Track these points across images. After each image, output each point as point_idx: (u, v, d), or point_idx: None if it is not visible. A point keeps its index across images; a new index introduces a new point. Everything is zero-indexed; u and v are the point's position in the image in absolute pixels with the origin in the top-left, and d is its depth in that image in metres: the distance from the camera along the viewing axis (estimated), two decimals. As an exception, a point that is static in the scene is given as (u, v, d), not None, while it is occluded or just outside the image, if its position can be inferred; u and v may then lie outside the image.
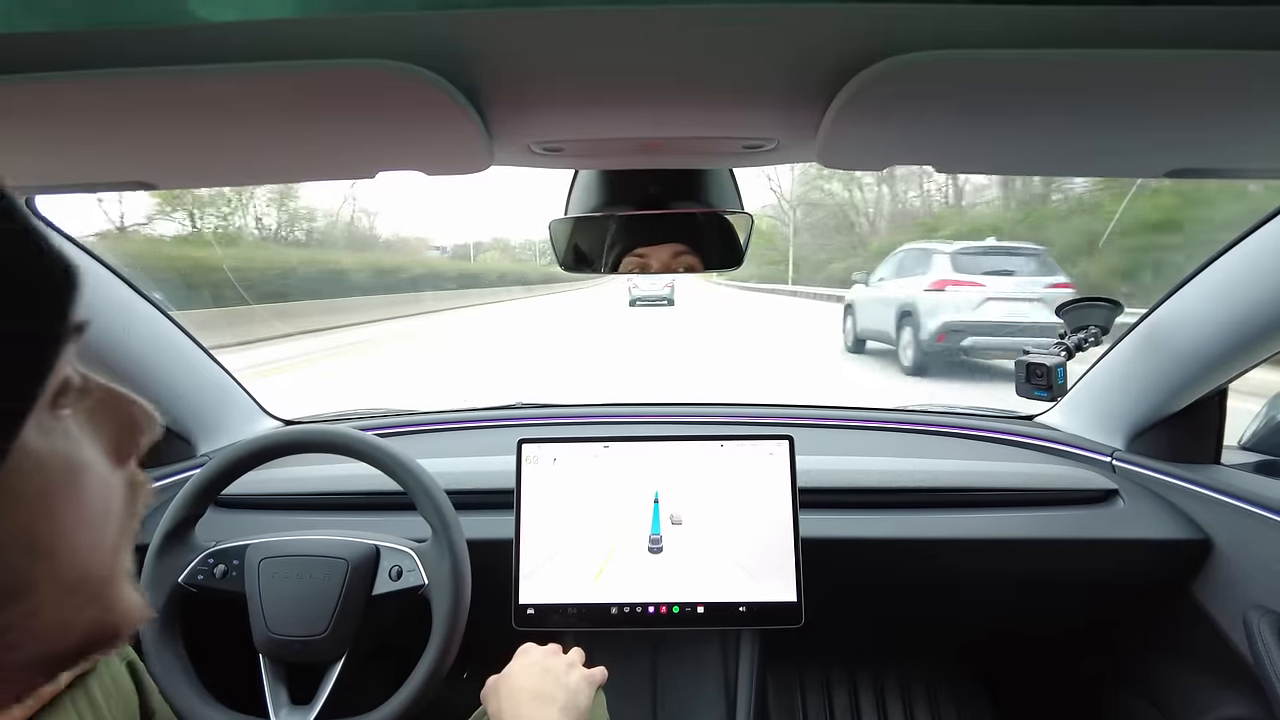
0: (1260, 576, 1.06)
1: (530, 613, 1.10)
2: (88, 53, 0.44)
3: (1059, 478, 1.29)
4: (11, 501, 0.29)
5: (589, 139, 0.68)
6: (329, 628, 0.97)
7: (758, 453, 1.13)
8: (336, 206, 33.12)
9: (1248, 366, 1.08)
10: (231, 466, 1.05)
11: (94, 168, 0.67)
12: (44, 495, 0.31)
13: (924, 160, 0.69)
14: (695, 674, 1.17)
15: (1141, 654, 1.33)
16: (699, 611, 1.09)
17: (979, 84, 0.49)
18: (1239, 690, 1.10)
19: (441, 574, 0.99)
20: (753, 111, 0.60)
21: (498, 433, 1.58)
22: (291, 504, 1.27)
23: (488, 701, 0.82)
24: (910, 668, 1.69)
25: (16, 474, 0.29)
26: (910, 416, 1.61)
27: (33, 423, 0.29)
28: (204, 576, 1.02)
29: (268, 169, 0.73)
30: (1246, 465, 1.21)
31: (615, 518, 1.12)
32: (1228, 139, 0.60)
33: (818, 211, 35.24)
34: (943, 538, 1.20)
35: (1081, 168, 0.75)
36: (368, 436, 1.04)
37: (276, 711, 0.98)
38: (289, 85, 0.48)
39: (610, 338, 12.31)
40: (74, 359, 0.32)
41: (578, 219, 0.96)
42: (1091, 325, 1.26)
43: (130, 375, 1.21)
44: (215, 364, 1.42)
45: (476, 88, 0.52)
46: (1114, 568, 1.22)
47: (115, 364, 1.17)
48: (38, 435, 0.30)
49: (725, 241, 0.97)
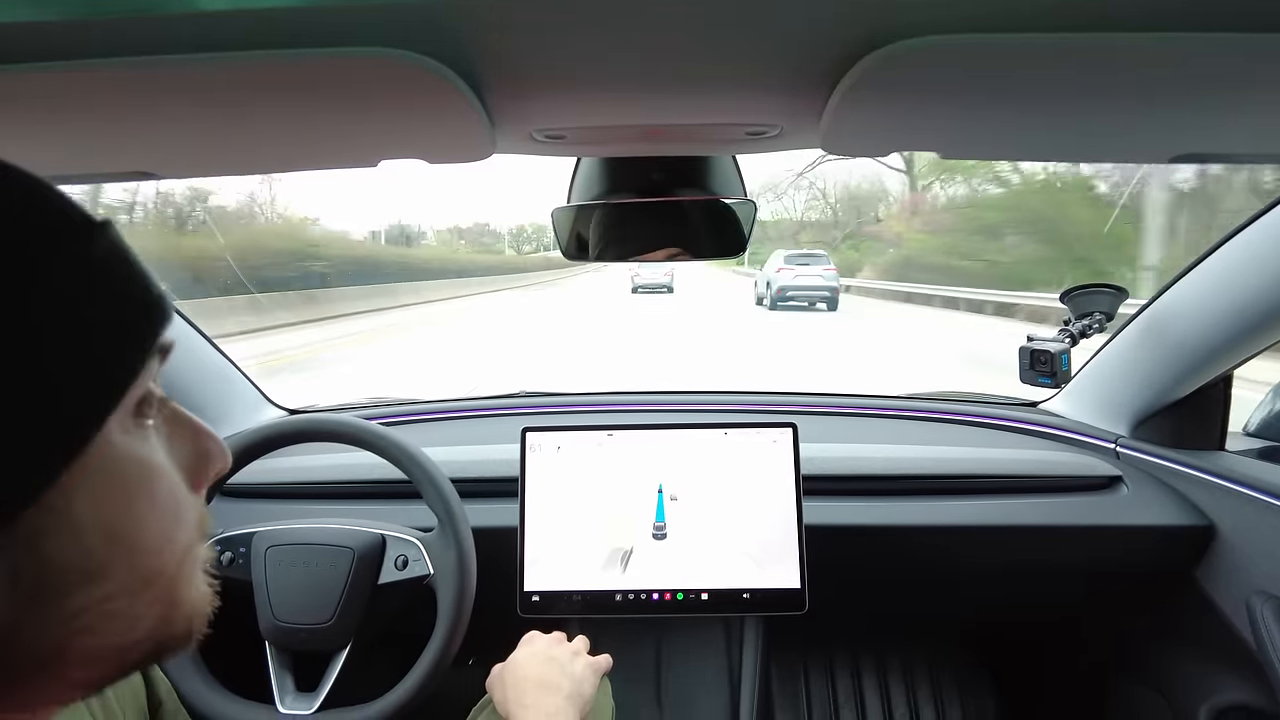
0: (1264, 562, 1.06)
1: (535, 600, 1.10)
2: (89, 42, 0.43)
3: (1063, 464, 1.29)
4: (95, 490, 0.32)
5: (591, 126, 0.68)
6: (334, 616, 0.98)
7: (761, 440, 1.14)
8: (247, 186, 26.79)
9: (1252, 353, 1.07)
10: (237, 455, 1.05)
11: (95, 158, 0.67)
12: (124, 488, 0.34)
13: (927, 146, 0.69)
14: (699, 661, 1.18)
15: (1144, 640, 1.33)
16: (703, 598, 1.10)
17: (983, 69, 0.49)
18: (1242, 675, 1.10)
19: (447, 563, 0.99)
20: (756, 97, 0.60)
21: (502, 421, 1.58)
22: (297, 493, 1.27)
23: (493, 690, 0.82)
24: (913, 653, 1.70)
25: (100, 465, 0.32)
26: (913, 404, 1.61)
27: (116, 423, 0.33)
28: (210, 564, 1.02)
29: (269, 158, 0.73)
30: (1251, 451, 1.21)
31: (619, 505, 1.13)
32: (1234, 123, 0.60)
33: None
34: (946, 524, 1.20)
35: (1087, 153, 0.74)
36: (373, 425, 1.04)
37: (282, 698, 0.98)
38: (290, 74, 0.48)
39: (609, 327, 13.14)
40: (157, 377, 0.37)
41: (580, 207, 0.95)
42: (1095, 312, 1.25)
43: None
44: (219, 353, 1.42)
45: (478, 75, 0.52)
46: (1118, 554, 1.22)
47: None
48: (120, 434, 0.34)
49: (728, 229, 0.97)
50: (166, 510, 0.36)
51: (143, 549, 0.35)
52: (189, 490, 0.39)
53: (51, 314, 0.30)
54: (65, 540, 0.31)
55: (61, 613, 0.32)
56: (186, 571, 0.38)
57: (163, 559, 0.36)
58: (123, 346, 0.34)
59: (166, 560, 0.36)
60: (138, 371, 0.34)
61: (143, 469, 0.35)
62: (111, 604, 0.34)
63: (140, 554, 0.35)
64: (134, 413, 0.35)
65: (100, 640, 0.34)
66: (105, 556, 0.33)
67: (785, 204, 46.95)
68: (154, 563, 0.35)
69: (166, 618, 0.37)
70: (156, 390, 0.37)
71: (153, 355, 0.35)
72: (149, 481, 0.35)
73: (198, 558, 0.40)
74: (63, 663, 0.33)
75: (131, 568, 0.34)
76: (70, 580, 0.32)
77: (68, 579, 0.32)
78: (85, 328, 0.32)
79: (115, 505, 0.33)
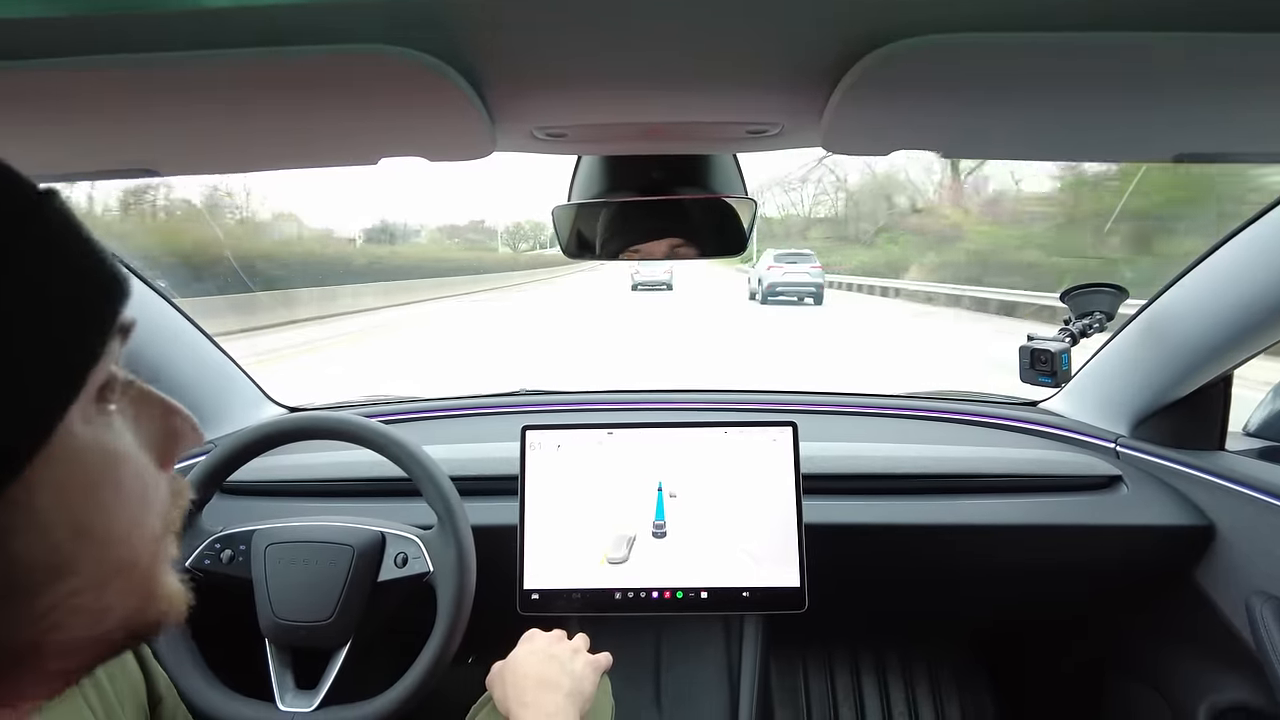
0: (1263, 562, 1.06)
1: (535, 598, 1.10)
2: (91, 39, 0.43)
3: (1062, 464, 1.29)
4: (58, 484, 0.31)
5: (591, 124, 0.68)
6: (334, 614, 0.98)
7: (761, 439, 1.14)
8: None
9: (1252, 353, 1.07)
10: (237, 453, 1.05)
11: (97, 155, 0.67)
12: (88, 480, 0.33)
13: (929, 145, 0.69)
14: (699, 659, 1.18)
15: (1143, 638, 1.33)
16: (703, 597, 1.10)
17: (985, 68, 0.49)
18: (1240, 675, 1.10)
19: (447, 561, 0.99)
20: (757, 96, 0.60)
21: (501, 419, 1.58)
22: (297, 490, 1.27)
23: (493, 687, 0.82)
24: (912, 651, 1.70)
25: (63, 456, 0.31)
26: (913, 403, 1.61)
27: (78, 411, 0.32)
28: (210, 561, 1.02)
29: (270, 155, 0.73)
30: (1251, 451, 1.21)
31: (619, 504, 1.13)
32: (1237, 122, 0.60)
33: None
34: (946, 523, 1.20)
35: (1088, 152, 0.74)
36: (373, 423, 1.04)
37: (282, 696, 0.98)
38: (291, 71, 0.48)
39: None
40: (119, 359, 0.35)
41: (581, 205, 0.95)
42: (1096, 311, 1.25)
43: (133, 361, 1.21)
44: (219, 351, 1.42)
45: (478, 73, 0.52)
46: (1117, 554, 1.22)
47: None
48: (83, 424, 0.32)
49: (729, 227, 0.97)
50: (134, 497, 0.35)
51: (111, 540, 0.34)
52: (157, 470, 0.37)
53: (12, 300, 0.29)
54: (31, 537, 0.30)
55: (30, 612, 0.31)
56: (161, 556, 0.37)
57: (133, 548, 0.35)
58: (82, 329, 0.32)
59: (137, 548, 0.35)
60: (99, 355, 0.32)
61: (107, 457, 0.34)
62: (79, 599, 0.33)
63: (108, 545, 0.34)
64: (96, 398, 0.33)
65: (72, 634, 0.33)
66: (72, 551, 0.32)
67: (793, 199, 46.71)
68: (123, 552, 0.34)
69: (140, 607, 0.36)
70: (119, 373, 0.35)
71: (114, 336, 0.34)
72: (114, 470, 0.34)
73: (172, 541, 0.39)
74: (37, 657, 0.33)
75: (100, 560, 0.33)
76: (38, 579, 0.31)
77: (35, 577, 0.31)
78: (43, 311, 0.30)
79: (81, 497, 0.32)
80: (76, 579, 0.32)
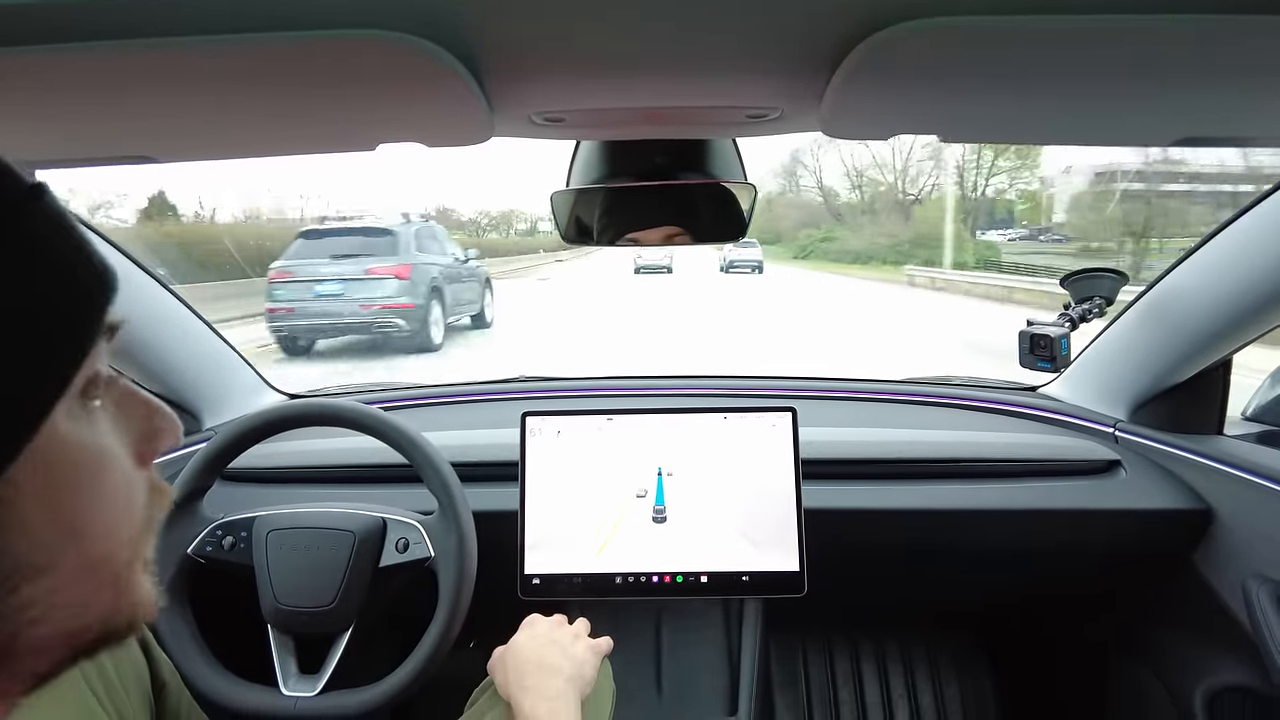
0: (1261, 546, 1.06)
1: (535, 583, 1.11)
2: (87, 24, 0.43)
3: (1061, 448, 1.29)
4: (41, 480, 0.31)
5: (590, 109, 0.68)
6: (336, 599, 0.98)
7: (761, 425, 1.14)
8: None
9: (1251, 338, 1.07)
10: (238, 439, 1.05)
11: (94, 141, 0.66)
12: (71, 477, 0.33)
13: (929, 129, 0.68)
14: (699, 643, 1.19)
15: (1142, 622, 1.34)
16: (702, 581, 1.10)
17: (985, 51, 0.49)
18: (1238, 657, 1.11)
19: (448, 546, 1.00)
20: (756, 80, 0.60)
21: (501, 406, 1.58)
22: (298, 477, 1.28)
23: (494, 672, 0.83)
24: (912, 635, 1.71)
25: (47, 455, 0.31)
26: (913, 388, 1.61)
27: (63, 409, 0.32)
28: (212, 548, 1.03)
29: (267, 141, 0.73)
30: (1249, 436, 1.21)
31: (619, 489, 1.13)
32: (1238, 105, 0.59)
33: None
34: (945, 508, 1.21)
35: (1090, 135, 0.74)
36: (373, 410, 1.04)
37: (285, 681, 0.99)
38: (287, 56, 0.48)
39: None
40: (105, 355, 0.35)
41: (579, 190, 0.95)
42: (1096, 296, 1.25)
43: (133, 349, 1.21)
44: (218, 338, 1.42)
45: (475, 58, 0.51)
46: (1115, 538, 1.23)
47: (118, 337, 1.17)
48: (67, 421, 0.32)
49: (728, 212, 0.96)
50: (115, 495, 0.35)
51: (91, 536, 0.34)
52: (136, 467, 0.37)
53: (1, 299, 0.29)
54: (14, 535, 0.30)
55: (6, 607, 0.31)
56: (139, 554, 0.37)
57: (111, 545, 0.35)
58: (70, 328, 0.32)
59: (115, 546, 0.35)
60: (85, 353, 0.32)
61: (91, 455, 0.34)
62: (58, 595, 0.33)
63: (88, 541, 0.34)
64: (81, 395, 0.33)
65: (50, 629, 0.33)
66: (55, 548, 0.32)
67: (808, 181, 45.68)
68: (102, 549, 0.34)
69: (115, 605, 0.36)
70: (104, 370, 0.35)
71: (100, 335, 0.34)
72: (98, 468, 0.34)
73: (149, 544, 0.39)
74: (13, 655, 0.32)
75: (80, 555, 0.33)
76: (20, 576, 0.31)
77: (17, 575, 0.31)
78: (29, 309, 0.30)
79: (63, 494, 0.32)
80: (56, 575, 0.32)
